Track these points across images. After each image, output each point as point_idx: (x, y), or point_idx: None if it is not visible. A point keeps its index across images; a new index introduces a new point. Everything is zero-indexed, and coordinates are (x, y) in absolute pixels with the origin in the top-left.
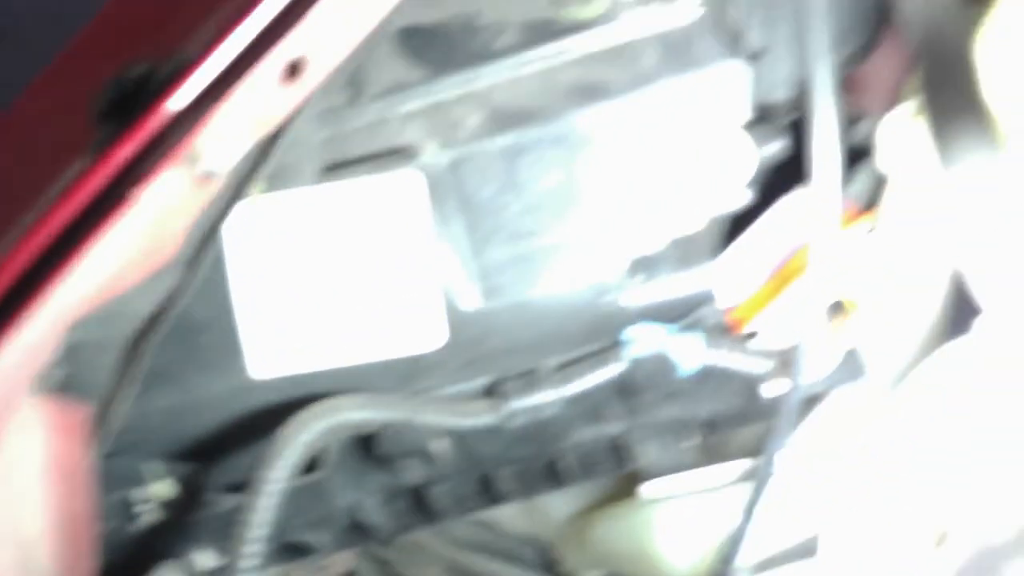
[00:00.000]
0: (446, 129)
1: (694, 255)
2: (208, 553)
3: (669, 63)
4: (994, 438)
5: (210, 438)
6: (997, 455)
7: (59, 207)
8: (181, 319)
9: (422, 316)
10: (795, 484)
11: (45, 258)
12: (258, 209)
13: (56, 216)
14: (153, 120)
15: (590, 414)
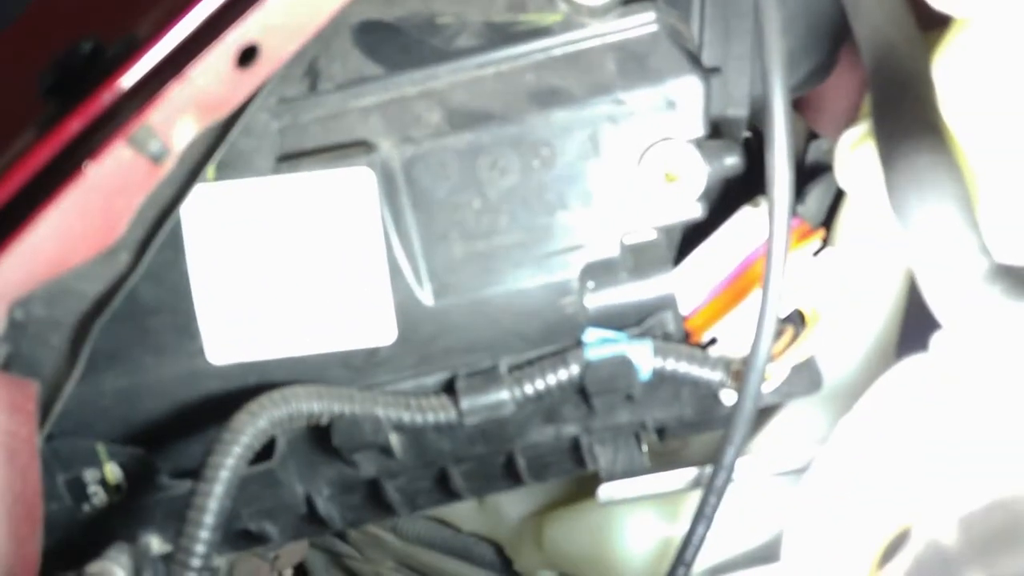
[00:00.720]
0: (404, 125)
1: (649, 264)
2: (157, 538)
3: (626, 74)
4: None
5: (162, 422)
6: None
7: (4, 181)
8: (134, 302)
9: (372, 311)
10: (755, 489)
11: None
12: (217, 195)
13: (1, 190)
14: (102, 97)
15: (547, 414)
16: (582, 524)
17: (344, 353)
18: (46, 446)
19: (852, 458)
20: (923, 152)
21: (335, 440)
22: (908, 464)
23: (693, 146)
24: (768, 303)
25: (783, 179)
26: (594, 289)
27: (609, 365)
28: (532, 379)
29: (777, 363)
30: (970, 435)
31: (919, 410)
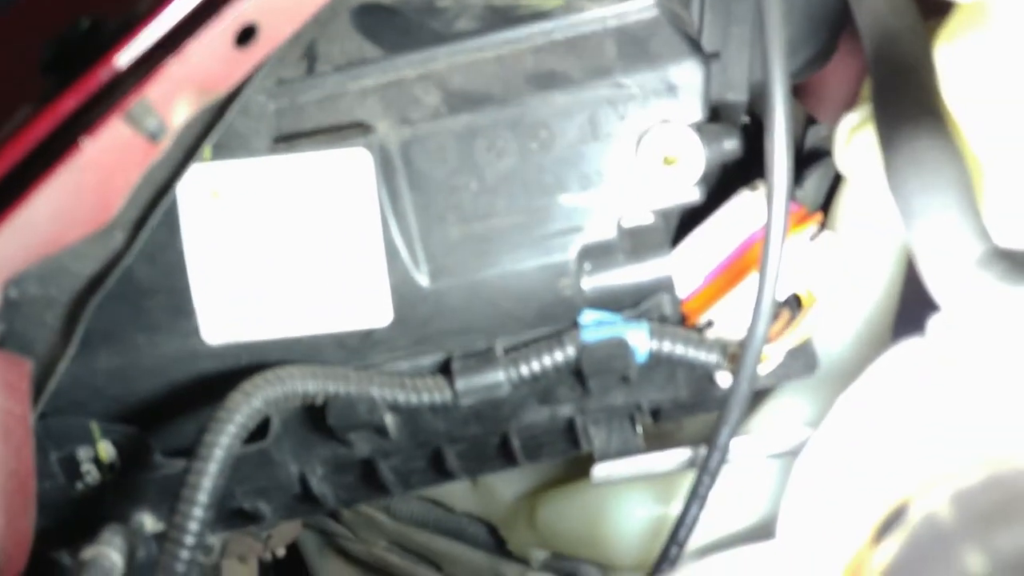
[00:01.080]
0: (402, 107)
1: (646, 247)
2: (151, 516)
3: (626, 57)
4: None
5: (156, 401)
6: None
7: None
8: (129, 281)
9: (369, 292)
10: (750, 469)
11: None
12: (213, 175)
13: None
14: (99, 73)
15: (543, 395)
16: (576, 504)
17: (340, 334)
18: (39, 424)
19: (848, 437)
20: (923, 136)
21: (330, 420)
22: (903, 443)
23: (692, 130)
24: (765, 286)
25: (782, 163)
26: (591, 271)
27: (605, 347)
28: (528, 360)
29: (773, 346)
30: (966, 414)
31: (915, 390)
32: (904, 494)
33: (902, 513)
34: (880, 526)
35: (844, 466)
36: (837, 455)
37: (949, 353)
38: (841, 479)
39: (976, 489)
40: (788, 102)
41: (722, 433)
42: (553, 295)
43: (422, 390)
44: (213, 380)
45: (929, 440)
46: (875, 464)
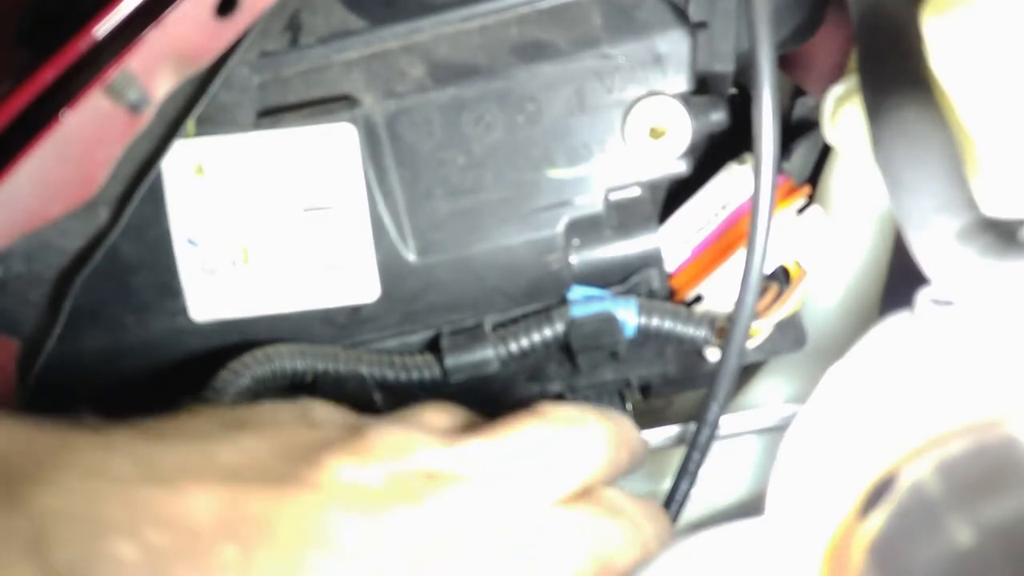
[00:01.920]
0: (387, 80)
1: (634, 221)
2: None
3: (612, 28)
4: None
5: (144, 381)
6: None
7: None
8: (115, 259)
9: (355, 268)
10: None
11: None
12: (197, 150)
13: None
14: (78, 45)
15: (532, 372)
16: None
17: (327, 310)
18: (28, 404)
19: (836, 411)
20: (909, 106)
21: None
22: (891, 416)
23: (679, 101)
24: (753, 260)
25: (769, 135)
26: (579, 246)
27: (594, 322)
28: (517, 337)
29: (762, 320)
30: (953, 384)
31: (903, 363)
32: (890, 465)
33: (889, 485)
34: (867, 498)
35: (832, 440)
36: (825, 429)
37: (937, 326)
38: (829, 453)
39: (962, 459)
40: (775, 73)
41: (711, 409)
42: (541, 270)
43: (411, 368)
44: (201, 358)
45: (916, 412)
46: (863, 437)
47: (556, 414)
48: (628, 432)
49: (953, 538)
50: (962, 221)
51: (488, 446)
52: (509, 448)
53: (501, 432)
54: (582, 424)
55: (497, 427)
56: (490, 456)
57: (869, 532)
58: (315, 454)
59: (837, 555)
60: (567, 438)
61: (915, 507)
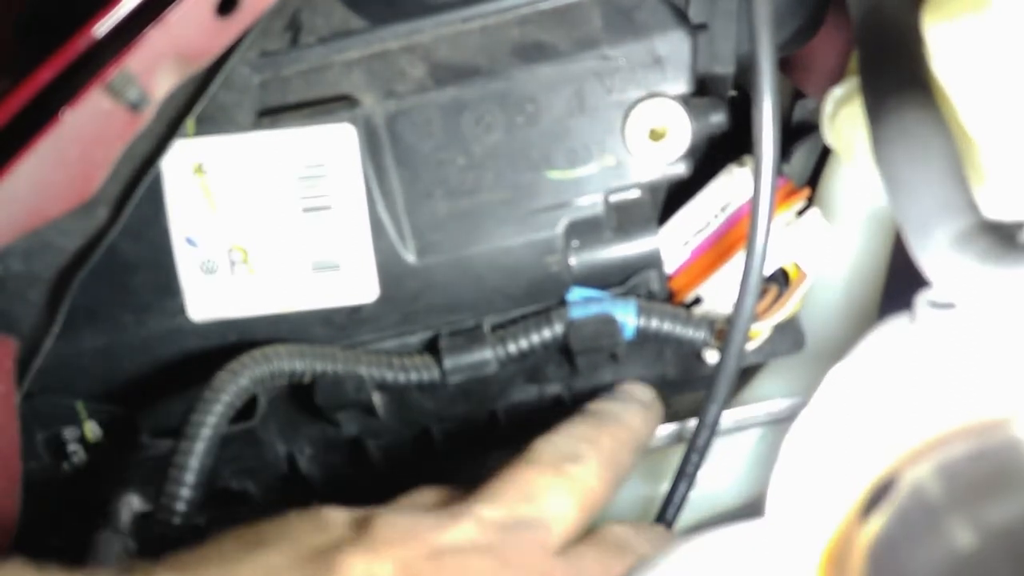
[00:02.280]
0: (387, 80)
1: (634, 222)
2: (138, 497)
3: (612, 29)
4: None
5: (142, 381)
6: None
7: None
8: (114, 259)
9: (355, 269)
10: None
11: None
12: (197, 150)
13: None
14: (77, 42)
15: (531, 374)
16: None
17: (326, 311)
18: (25, 404)
19: (836, 414)
20: (910, 108)
21: (317, 399)
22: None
23: (679, 103)
24: (752, 262)
25: (769, 137)
26: (578, 247)
27: (593, 324)
28: (516, 338)
29: (761, 322)
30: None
31: (904, 366)
32: (891, 467)
33: (889, 487)
34: (867, 500)
35: (832, 442)
36: (825, 431)
37: (937, 328)
38: (829, 455)
39: (962, 461)
40: (775, 75)
41: (710, 411)
42: (541, 272)
43: (410, 368)
44: (200, 359)
45: (916, 414)
46: (863, 439)
47: (546, 456)
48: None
49: (953, 540)
50: (962, 224)
51: (486, 510)
52: (506, 507)
53: (495, 492)
54: (575, 461)
55: (491, 487)
56: (489, 520)
57: (869, 534)
58: (330, 557)
59: (837, 557)
60: (560, 481)
61: (915, 509)
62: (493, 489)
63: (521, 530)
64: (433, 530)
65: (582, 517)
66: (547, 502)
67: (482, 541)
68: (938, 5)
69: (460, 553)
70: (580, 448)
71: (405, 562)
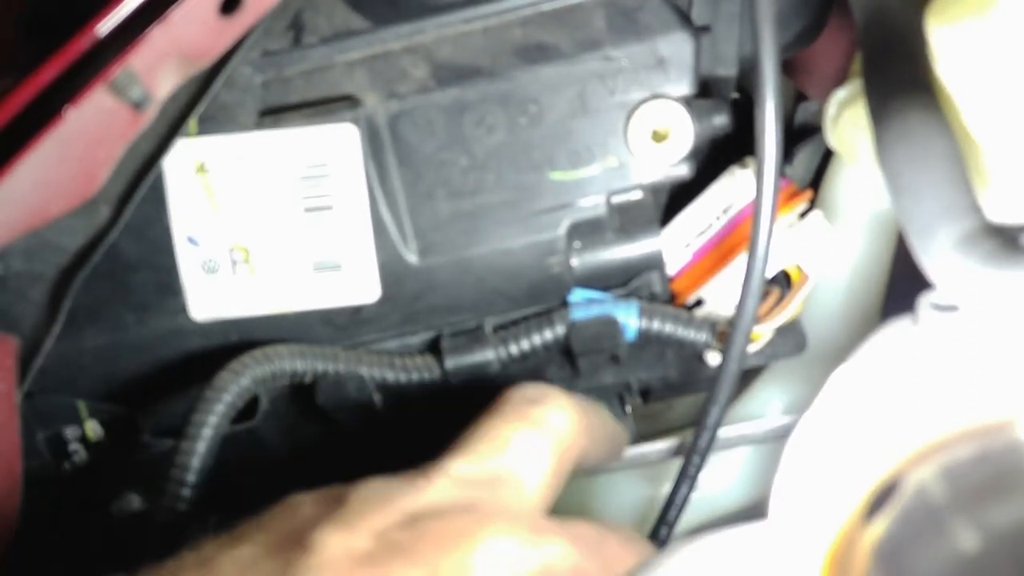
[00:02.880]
0: (389, 81)
1: (636, 224)
2: (139, 497)
3: (615, 30)
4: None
5: (143, 380)
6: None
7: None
8: (115, 258)
9: (356, 269)
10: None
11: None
12: (199, 150)
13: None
14: (81, 41)
15: (532, 375)
16: (566, 486)
17: (327, 311)
18: (26, 403)
19: (840, 416)
20: (914, 110)
21: (318, 399)
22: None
23: (682, 104)
24: (755, 264)
25: (772, 139)
26: (580, 249)
27: (594, 325)
28: (517, 339)
29: (763, 324)
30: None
31: (907, 369)
32: (894, 469)
33: (893, 489)
34: (870, 503)
35: (836, 444)
36: (829, 433)
37: (940, 331)
38: (833, 457)
39: (966, 463)
40: (779, 77)
41: (711, 413)
42: (542, 273)
43: (411, 369)
44: (201, 358)
45: (920, 416)
46: (867, 441)
47: (511, 403)
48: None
49: (958, 543)
50: (965, 226)
51: (457, 467)
52: (477, 461)
53: (465, 447)
54: (541, 404)
55: (461, 443)
56: (462, 477)
57: (873, 537)
58: (304, 537)
59: (840, 560)
60: (529, 426)
61: (919, 511)
62: (463, 445)
63: (497, 484)
64: (407, 495)
65: (558, 464)
66: (518, 449)
67: (459, 499)
68: (942, 7)
69: (437, 515)
70: (547, 391)
71: (381, 532)
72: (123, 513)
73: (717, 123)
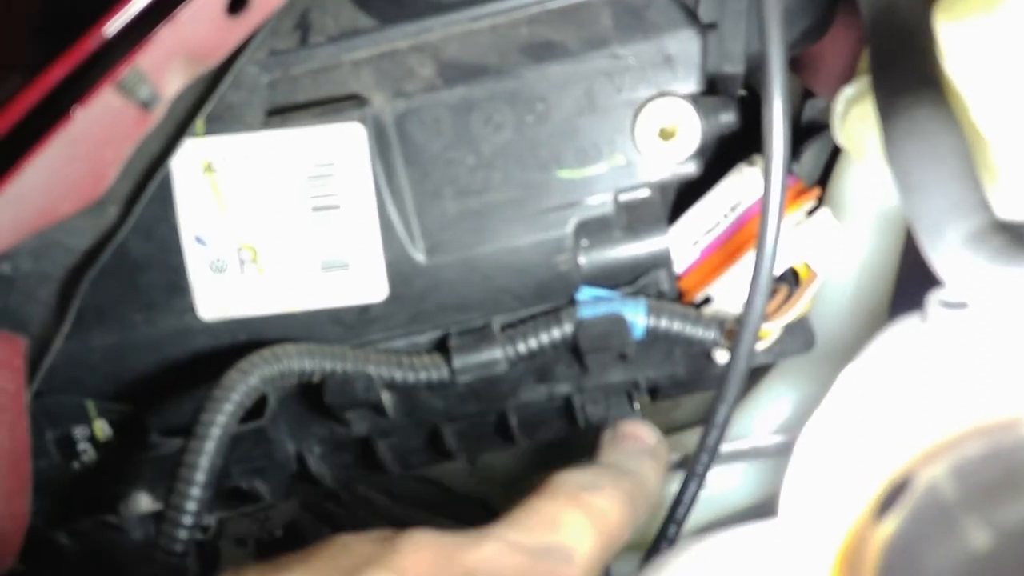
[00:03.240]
0: (396, 79)
1: (643, 222)
2: (147, 496)
3: (622, 27)
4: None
5: (152, 380)
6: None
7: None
8: (123, 258)
9: (364, 268)
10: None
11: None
12: (207, 149)
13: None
14: (88, 41)
15: (540, 373)
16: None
17: (335, 310)
18: (35, 403)
19: (850, 414)
20: (922, 107)
21: (327, 398)
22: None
23: (689, 102)
24: (763, 262)
25: (779, 136)
26: (588, 247)
27: (602, 323)
28: (525, 337)
29: (771, 322)
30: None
31: (916, 366)
32: (905, 467)
33: (903, 488)
34: (881, 500)
35: (846, 442)
36: (839, 431)
37: (949, 328)
38: (843, 455)
39: (977, 461)
40: (786, 74)
41: (719, 411)
42: (550, 271)
43: (419, 368)
44: (209, 358)
45: (930, 414)
46: (877, 439)
47: (565, 488)
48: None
49: (969, 541)
50: (975, 223)
51: (510, 535)
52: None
53: (517, 520)
54: (593, 492)
55: (513, 516)
56: (515, 543)
57: (884, 534)
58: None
59: (851, 557)
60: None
61: (930, 509)
62: (515, 518)
63: (546, 557)
64: (461, 550)
65: (602, 549)
66: (569, 531)
67: (511, 563)
68: (950, 4)
69: (489, 574)
70: (598, 481)
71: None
72: (132, 513)
73: (724, 120)
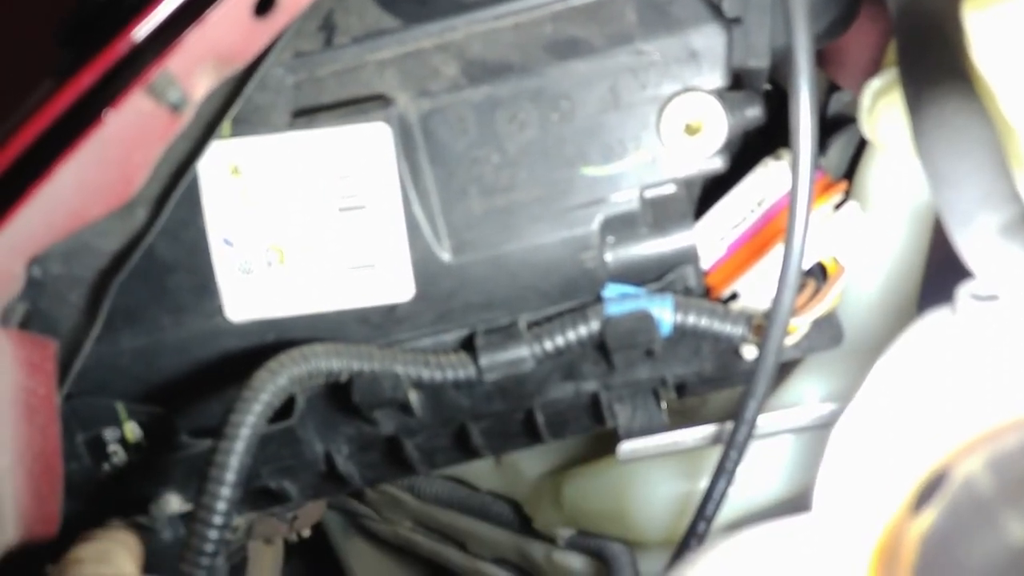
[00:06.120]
0: (421, 79)
1: (669, 218)
2: (177, 497)
3: (646, 23)
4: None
5: (181, 381)
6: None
7: (21, 131)
8: (152, 260)
9: (391, 267)
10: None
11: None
12: (233, 151)
13: (18, 140)
14: (119, 46)
15: (567, 371)
16: (601, 481)
17: (362, 310)
18: (65, 405)
19: (884, 407)
20: (951, 98)
21: (354, 398)
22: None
23: (714, 97)
24: (791, 257)
25: (807, 130)
26: (614, 244)
27: (629, 320)
28: (552, 335)
29: (799, 317)
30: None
31: (948, 359)
32: (941, 461)
33: (940, 481)
34: (917, 494)
35: (881, 435)
36: (873, 425)
37: (981, 320)
38: (878, 449)
39: (1014, 454)
40: (813, 68)
41: (748, 406)
42: (576, 268)
43: (446, 366)
44: (237, 358)
45: (964, 407)
46: (912, 433)
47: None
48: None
49: (1007, 534)
50: (1006, 215)
51: None
52: None
53: None
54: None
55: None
56: None
57: (921, 528)
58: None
59: (887, 552)
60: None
61: (967, 503)
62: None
63: None
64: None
65: None
66: None
67: None
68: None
69: None
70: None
71: None
72: (162, 514)
73: (750, 115)
